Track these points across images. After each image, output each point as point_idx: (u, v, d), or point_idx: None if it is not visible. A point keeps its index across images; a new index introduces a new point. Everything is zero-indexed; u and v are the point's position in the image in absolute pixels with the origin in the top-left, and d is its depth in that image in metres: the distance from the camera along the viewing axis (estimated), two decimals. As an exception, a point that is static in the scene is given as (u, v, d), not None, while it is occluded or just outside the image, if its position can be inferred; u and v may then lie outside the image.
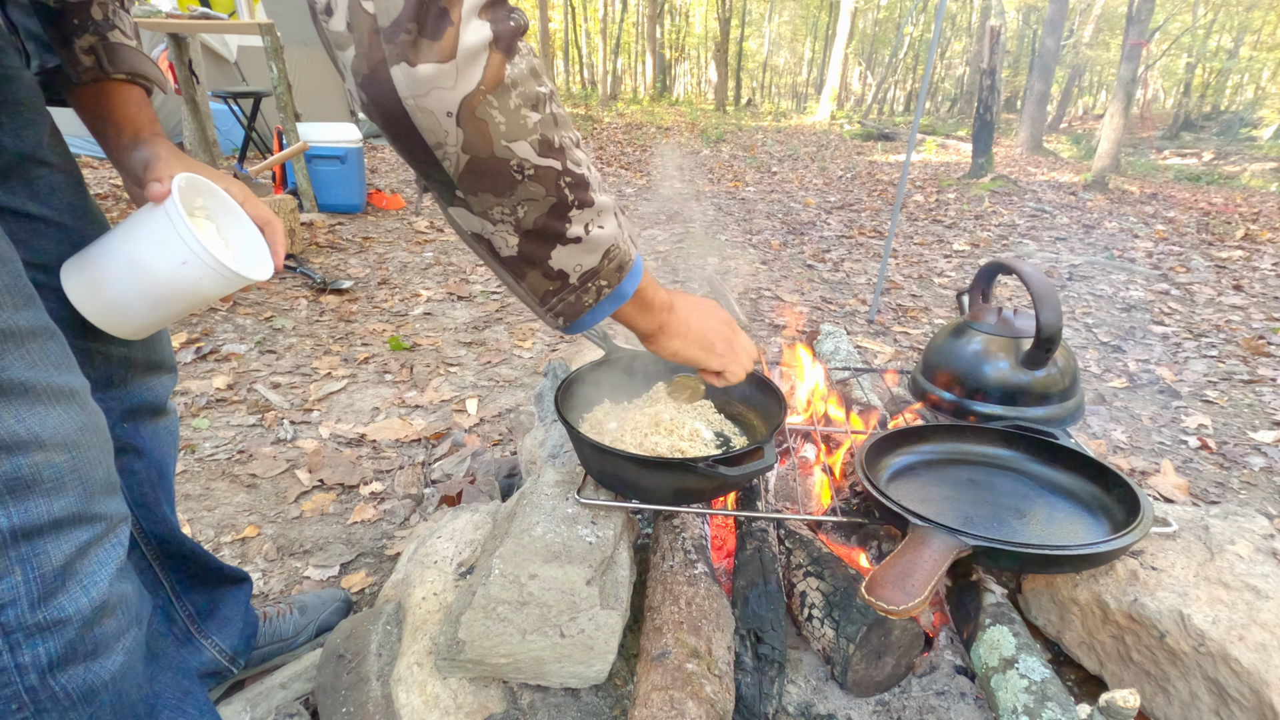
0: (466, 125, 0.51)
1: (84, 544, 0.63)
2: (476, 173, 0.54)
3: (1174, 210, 6.82)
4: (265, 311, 2.95)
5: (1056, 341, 1.18)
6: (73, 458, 0.62)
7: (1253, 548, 1.00)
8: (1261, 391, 2.60)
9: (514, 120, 0.52)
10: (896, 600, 0.79)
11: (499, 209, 0.56)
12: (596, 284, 0.65)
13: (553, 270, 0.62)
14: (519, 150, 0.54)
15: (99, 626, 0.65)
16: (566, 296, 0.64)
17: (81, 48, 0.77)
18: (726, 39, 23.55)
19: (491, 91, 0.50)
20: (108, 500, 0.67)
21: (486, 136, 0.52)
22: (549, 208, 0.57)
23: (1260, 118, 17.74)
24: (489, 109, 0.51)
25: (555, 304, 0.65)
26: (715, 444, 1.19)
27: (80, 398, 0.64)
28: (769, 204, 6.26)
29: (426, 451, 1.98)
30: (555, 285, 0.63)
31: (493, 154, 0.53)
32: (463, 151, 0.52)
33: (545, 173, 0.55)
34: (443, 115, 0.50)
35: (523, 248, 0.60)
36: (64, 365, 0.63)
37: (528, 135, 0.53)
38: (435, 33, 0.47)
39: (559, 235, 0.60)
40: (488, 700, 0.99)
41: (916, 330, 3.16)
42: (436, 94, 0.49)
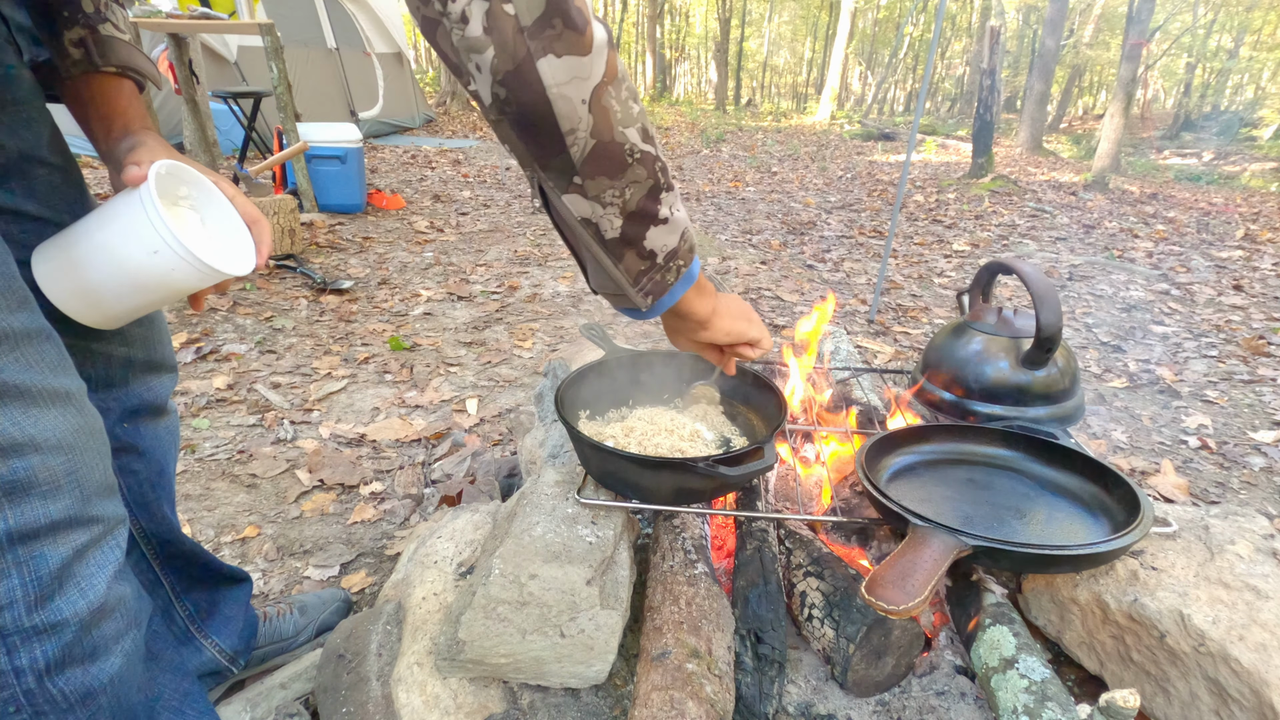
0: (595, 112, 0.56)
1: (81, 546, 0.63)
2: (598, 156, 0.59)
3: (1174, 210, 6.82)
4: (265, 311, 2.95)
5: (1056, 341, 1.18)
6: (69, 460, 0.61)
7: (1253, 548, 1.00)
8: (1261, 391, 2.60)
9: (626, 109, 0.59)
10: (897, 600, 0.79)
11: (611, 191, 0.61)
12: (676, 263, 0.71)
13: (646, 250, 0.67)
14: (630, 136, 0.59)
15: (97, 629, 0.65)
16: (654, 275, 0.70)
17: (70, 40, 0.76)
18: (726, 39, 23.55)
19: (611, 83, 0.56)
20: (105, 502, 0.67)
21: (609, 123, 0.58)
22: (648, 189, 0.63)
23: (1260, 118, 17.75)
24: (610, 98, 0.57)
25: (645, 283, 0.70)
26: (716, 444, 1.19)
27: (76, 400, 0.64)
28: (769, 204, 6.26)
29: (426, 451, 1.98)
30: (646, 265, 0.68)
31: (613, 139, 0.58)
32: (590, 136, 0.57)
33: (647, 157, 0.61)
34: (578, 102, 0.55)
35: (625, 229, 0.64)
36: (60, 367, 0.63)
37: (634, 123, 0.60)
38: (580, 27, 0.53)
39: (654, 216, 0.65)
40: (488, 700, 0.99)
41: (916, 330, 3.16)
42: (576, 83, 0.54)
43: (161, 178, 0.72)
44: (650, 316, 0.75)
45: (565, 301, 3.38)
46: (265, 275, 3.40)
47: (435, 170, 6.95)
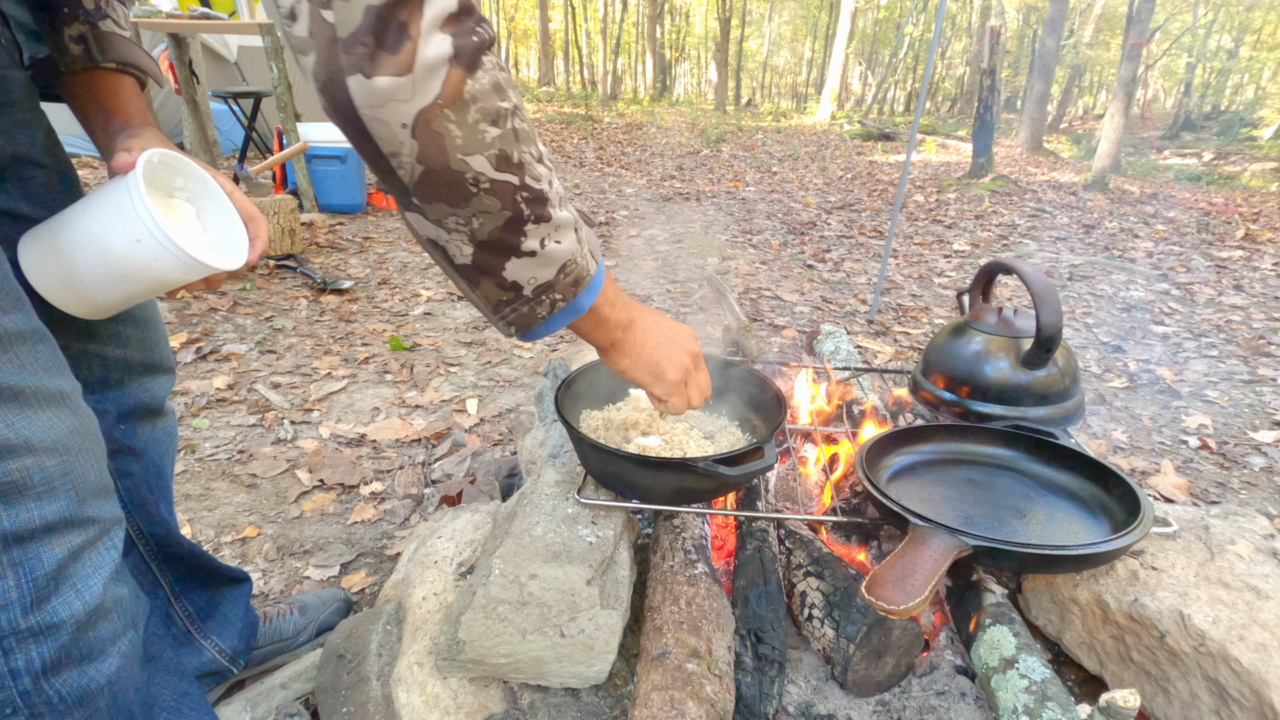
0: (422, 137, 0.51)
1: (77, 548, 0.63)
2: (431, 183, 0.54)
3: (1174, 210, 6.82)
4: (265, 311, 2.95)
5: (1057, 341, 1.18)
6: (64, 461, 0.61)
7: (1253, 548, 1.00)
8: (1262, 391, 2.59)
9: (471, 134, 0.53)
10: (897, 600, 0.79)
11: (454, 219, 0.57)
12: (550, 297, 0.66)
13: (507, 281, 0.63)
14: (475, 164, 0.54)
15: (93, 630, 0.65)
16: (519, 307, 0.65)
17: (70, 36, 0.76)
18: (726, 39, 23.56)
19: (449, 106, 0.51)
20: (101, 503, 0.67)
21: (443, 149, 0.52)
22: (504, 221, 0.58)
23: (1260, 118, 17.74)
24: (446, 123, 0.51)
25: (508, 313, 0.66)
26: (707, 440, 1.19)
27: (71, 401, 0.64)
28: (769, 204, 6.26)
29: (427, 451, 1.98)
30: (509, 296, 0.64)
31: (448, 166, 0.53)
32: (417, 162, 0.53)
33: (501, 187, 0.56)
34: (398, 126, 0.50)
35: (477, 258, 0.60)
36: (54, 368, 0.63)
37: (485, 150, 0.54)
38: (394, 47, 0.47)
39: (514, 248, 0.60)
40: (488, 700, 0.99)
41: (917, 330, 3.16)
42: (392, 106, 0.49)
43: (154, 166, 0.70)
44: (526, 340, 0.72)
45: (565, 301, 3.38)
46: (265, 275, 3.41)
47: (435, 170, 6.94)
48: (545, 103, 17.79)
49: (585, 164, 8.30)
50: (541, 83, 25.55)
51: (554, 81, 27.28)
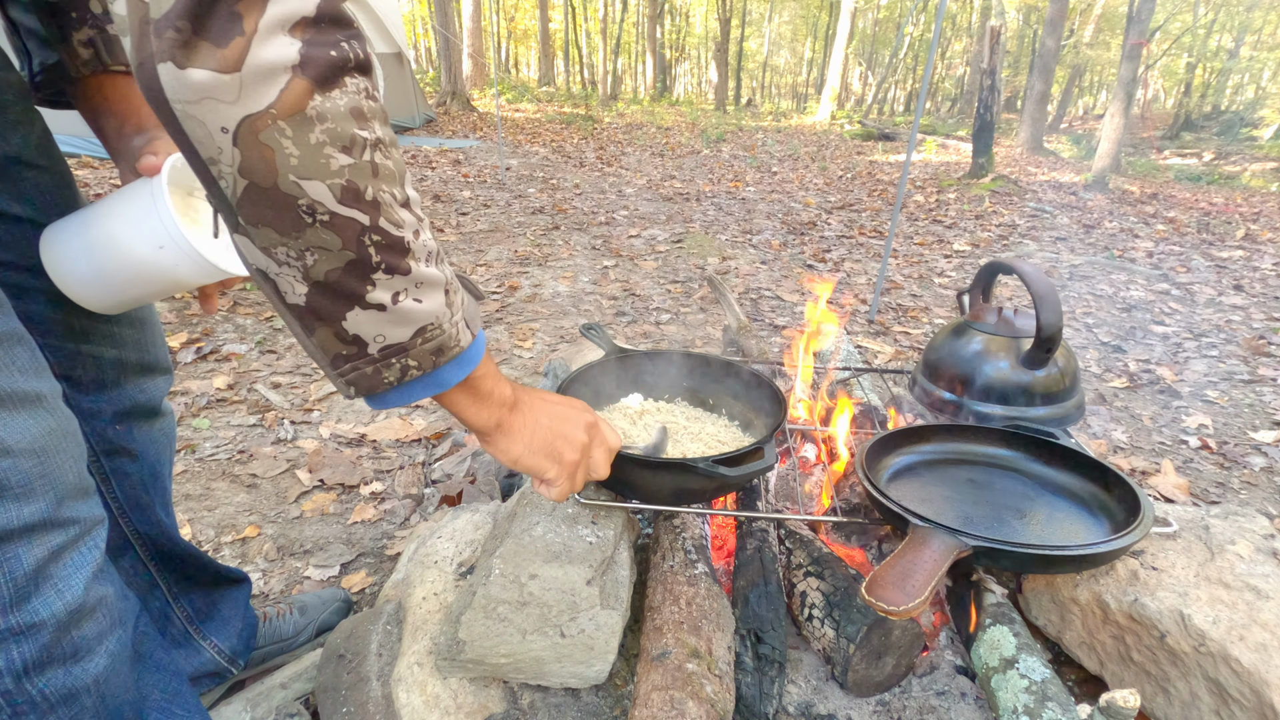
0: (246, 148, 0.45)
1: (56, 548, 0.63)
2: (257, 202, 0.47)
3: (1174, 210, 6.82)
4: (265, 311, 2.95)
5: (1057, 341, 1.18)
6: (40, 463, 0.62)
7: (1253, 548, 1.00)
8: (1262, 391, 2.59)
9: (311, 157, 0.46)
10: (897, 601, 0.79)
11: (283, 250, 0.50)
12: (403, 362, 0.57)
13: (347, 334, 0.54)
14: (312, 190, 0.47)
15: (77, 629, 0.65)
16: (362, 366, 0.57)
17: (80, 40, 0.77)
18: (727, 39, 23.57)
19: (285, 119, 0.44)
20: (80, 504, 0.67)
21: (271, 165, 0.46)
22: (345, 263, 0.50)
23: (1261, 118, 17.74)
24: (279, 137, 0.45)
25: (347, 370, 0.57)
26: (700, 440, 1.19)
27: (48, 402, 0.64)
28: (769, 204, 6.26)
29: (427, 451, 1.98)
30: (349, 350, 0.56)
31: (276, 186, 0.46)
32: (240, 175, 0.46)
33: (345, 224, 0.49)
34: (216, 130, 0.44)
35: (311, 300, 0.52)
36: (31, 370, 0.63)
37: (328, 178, 0.47)
38: (220, 39, 0.42)
39: (357, 297, 0.52)
40: (488, 700, 0.99)
41: (917, 330, 3.16)
42: (210, 105, 0.43)
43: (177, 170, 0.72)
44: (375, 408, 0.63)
45: (565, 301, 3.38)
46: (265, 275, 3.40)
47: (435, 170, 6.95)
48: (545, 103, 17.80)
49: (585, 164, 8.30)
50: (541, 83, 25.56)
51: (554, 81, 27.29)
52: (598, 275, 3.83)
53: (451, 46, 13.50)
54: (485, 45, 18.08)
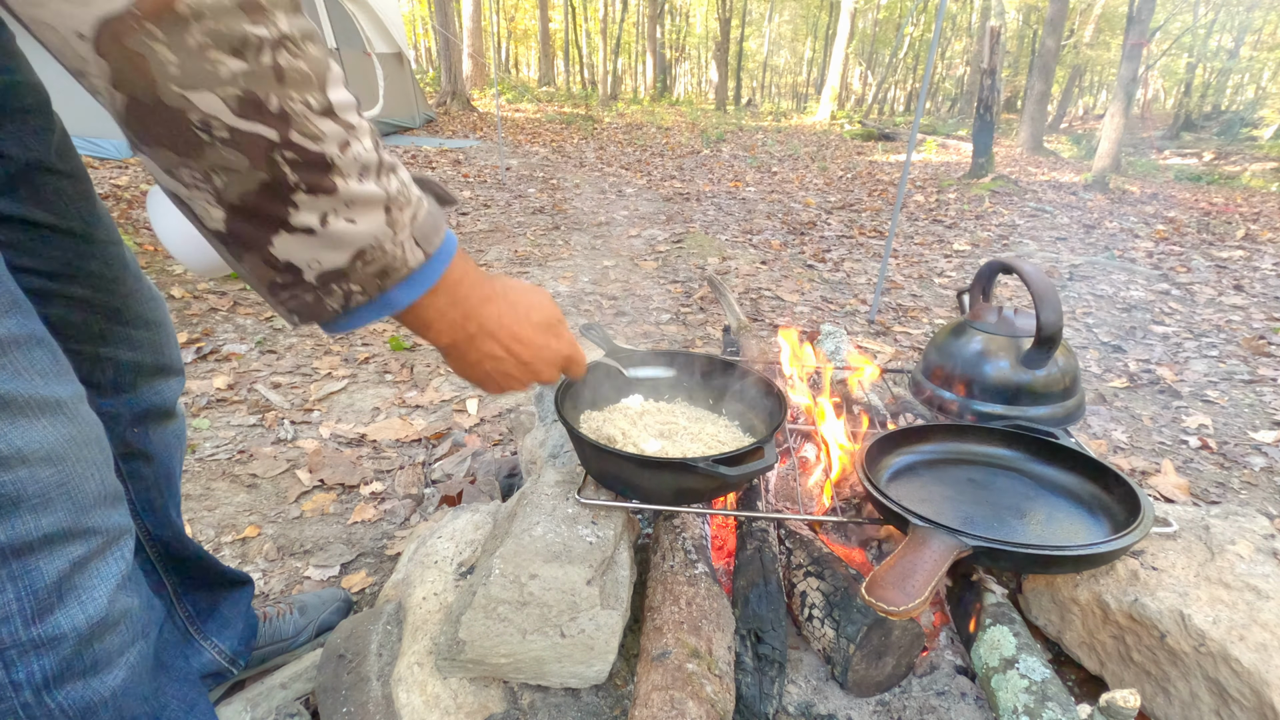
0: (112, 56, 0.39)
1: (79, 559, 0.62)
2: (143, 119, 0.41)
3: (1174, 210, 6.82)
4: (265, 311, 2.95)
5: (1057, 341, 1.18)
6: (59, 471, 0.60)
7: (1253, 548, 1.00)
8: (1262, 391, 2.59)
9: (193, 63, 0.40)
10: (897, 601, 0.79)
11: (187, 172, 0.44)
12: (344, 288, 0.52)
13: (278, 261, 0.49)
14: (202, 103, 0.41)
15: (99, 642, 0.64)
16: (301, 294, 0.52)
17: None
18: (727, 39, 23.57)
19: (152, 19, 0.38)
20: (104, 513, 0.65)
21: (148, 76, 0.39)
22: (258, 184, 0.45)
23: (1261, 117, 17.74)
24: (148, 41, 0.38)
25: (286, 299, 0.52)
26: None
27: (69, 408, 0.62)
28: (769, 204, 6.26)
29: (427, 451, 1.98)
30: (284, 279, 0.51)
31: (159, 100, 0.40)
32: (114, 88, 0.40)
33: (249, 140, 0.43)
34: (71, 36, 0.38)
35: (231, 225, 0.47)
36: (52, 374, 0.61)
37: (218, 86, 0.41)
38: None
39: (279, 220, 0.47)
40: (488, 700, 0.99)
41: (917, 330, 3.16)
42: (55, 6, 0.37)
43: None
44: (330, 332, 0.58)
45: (565, 301, 3.38)
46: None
47: (435, 170, 6.95)
48: (545, 103, 17.80)
49: (585, 164, 8.30)
50: (541, 83, 25.56)
51: (554, 81, 27.30)
52: (598, 275, 3.83)
53: (451, 46, 13.50)
54: (485, 45, 18.08)
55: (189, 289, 3.09)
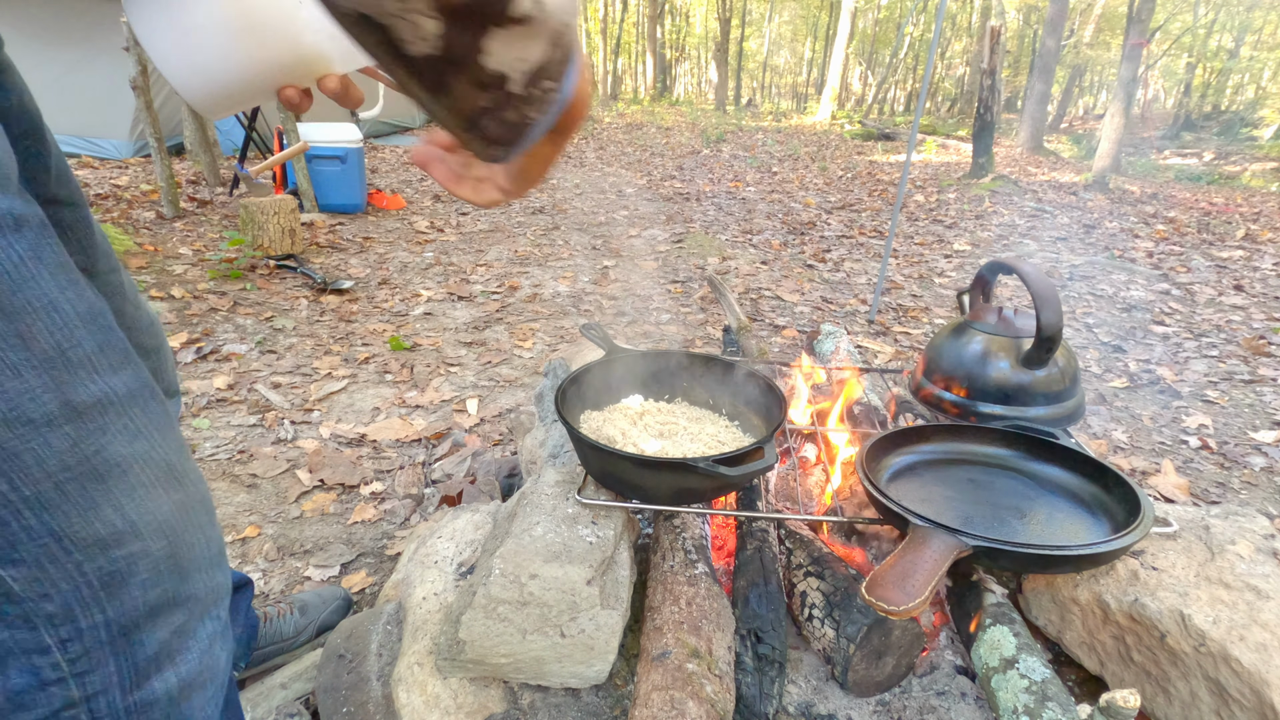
0: None
1: (179, 626, 0.60)
2: None
3: (1174, 210, 6.81)
4: (266, 311, 2.95)
5: (1057, 341, 1.18)
6: (170, 543, 0.57)
7: (1253, 548, 1.00)
8: (1262, 391, 2.59)
9: None
10: (897, 601, 0.79)
11: None
12: (542, 86, 0.42)
13: (486, 74, 0.39)
14: None
15: (186, 702, 0.62)
16: (505, 113, 0.42)
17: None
18: (727, 39, 23.56)
19: None
20: (209, 575, 0.62)
21: None
22: None
23: (1261, 118, 17.73)
24: None
25: (490, 126, 0.43)
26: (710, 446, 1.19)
27: (179, 468, 0.58)
28: (769, 204, 6.26)
29: (427, 451, 1.98)
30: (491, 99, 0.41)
31: None
32: None
33: None
34: None
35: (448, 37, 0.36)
36: (166, 426, 0.57)
37: None
38: None
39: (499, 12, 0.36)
40: (488, 700, 0.99)
41: (917, 330, 3.16)
42: None
43: None
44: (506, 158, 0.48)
45: (565, 301, 3.38)
46: (265, 275, 3.41)
47: (435, 170, 6.94)
48: (545, 103, 17.76)
49: (585, 164, 8.30)
50: (542, 83, 25.50)
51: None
52: (598, 275, 3.83)
53: (451, 46, 13.49)
54: (485, 45, 18.04)
55: (189, 289, 3.09)
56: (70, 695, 0.54)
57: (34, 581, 0.49)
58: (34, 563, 0.49)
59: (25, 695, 0.52)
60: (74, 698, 0.54)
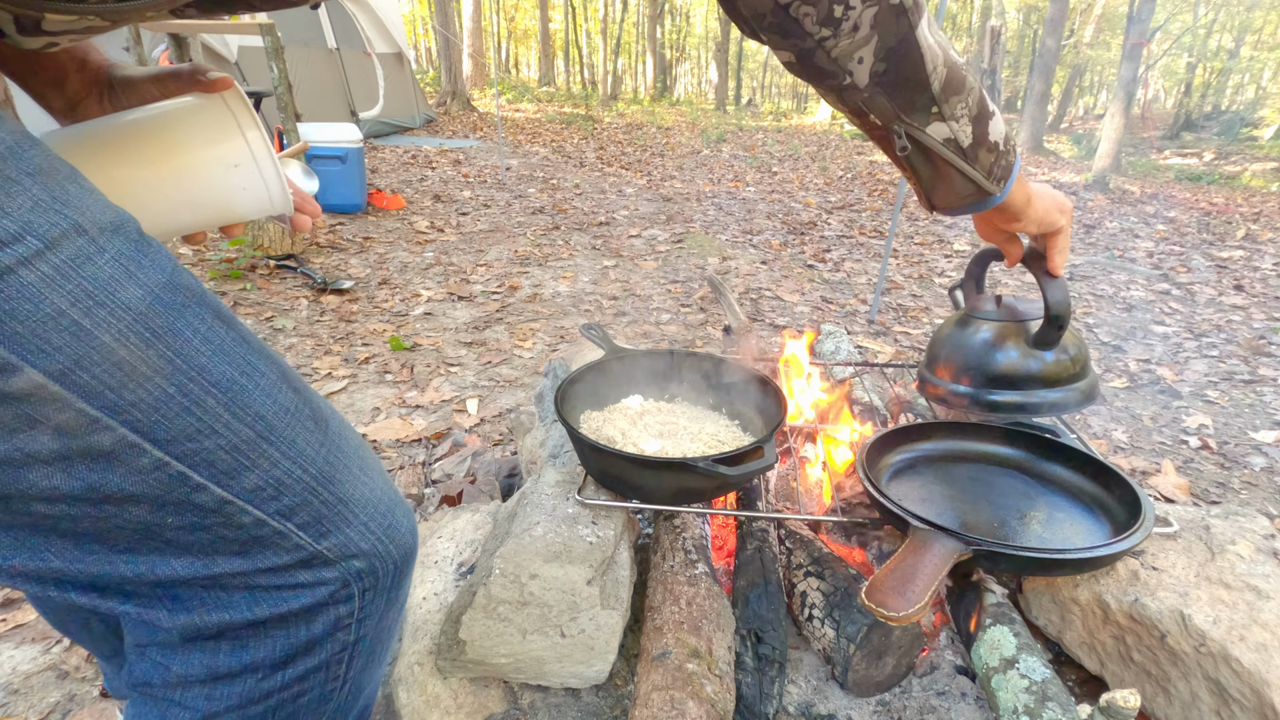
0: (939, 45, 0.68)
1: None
2: (949, 80, 0.69)
3: (1175, 210, 6.81)
4: (266, 311, 2.95)
5: (1067, 319, 1.14)
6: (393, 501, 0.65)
7: (1254, 548, 1.00)
8: (1262, 391, 2.59)
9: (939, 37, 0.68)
10: (898, 606, 0.78)
11: (960, 105, 0.71)
12: (1011, 145, 0.79)
13: (991, 143, 0.76)
14: (954, 54, 0.70)
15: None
16: (1001, 161, 0.78)
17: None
18: (727, 39, 23.54)
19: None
20: None
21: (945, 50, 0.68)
22: (979, 94, 0.73)
23: (1261, 118, 17.73)
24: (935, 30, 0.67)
25: (997, 171, 0.78)
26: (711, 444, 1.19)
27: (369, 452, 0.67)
28: (769, 204, 6.26)
29: (427, 451, 1.98)
30: (994, 155, 0.77)
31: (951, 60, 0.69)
32: (942, 66, 0.68)
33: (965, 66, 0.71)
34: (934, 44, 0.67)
35: (975, 131, 0.74)
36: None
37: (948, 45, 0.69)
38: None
39: (988, 112, 0.74)
40: (488, 700, 0.99)
41: (917, 330, 3.16)
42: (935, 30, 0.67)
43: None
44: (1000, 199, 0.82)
45: (565, 301, 3.38)
46: (265, 275, 3.41)
47: (436, 170, 6.95)
48: (546, 103, 17.80)
49: (585, 164, 8.30)
50: (542, 83, 25.55)
51: (554, 81, 27.29)
52: (598, 275, 3.83)
53: (451, 46, 13.50)
54: (485, 45, 18.08)
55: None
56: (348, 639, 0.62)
57: (344, 546, 0.58)
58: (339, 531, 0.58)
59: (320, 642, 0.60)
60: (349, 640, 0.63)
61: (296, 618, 0.58)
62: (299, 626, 0.59)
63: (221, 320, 0.53)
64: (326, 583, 0.58)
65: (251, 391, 0.53)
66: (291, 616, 0.58)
